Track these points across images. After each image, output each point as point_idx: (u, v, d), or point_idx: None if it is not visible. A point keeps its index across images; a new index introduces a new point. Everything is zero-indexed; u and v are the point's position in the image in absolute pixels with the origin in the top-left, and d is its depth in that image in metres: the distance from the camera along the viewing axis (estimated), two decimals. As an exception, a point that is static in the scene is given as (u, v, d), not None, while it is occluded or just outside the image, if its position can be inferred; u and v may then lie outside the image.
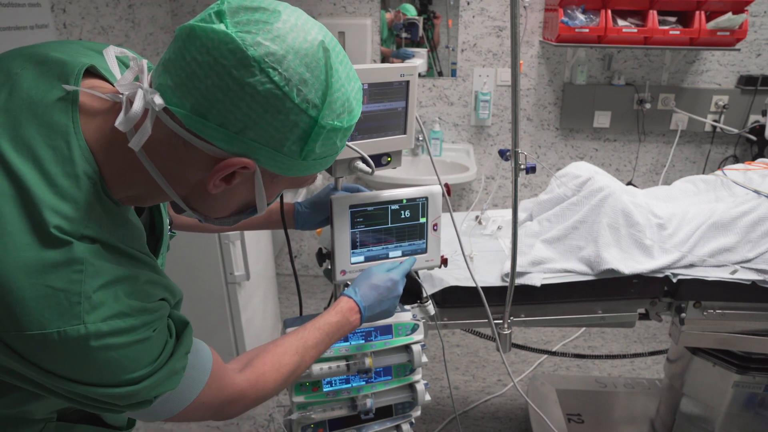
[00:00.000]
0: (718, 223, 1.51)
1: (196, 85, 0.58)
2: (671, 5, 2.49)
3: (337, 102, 0.63)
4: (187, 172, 0.65)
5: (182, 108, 0.59)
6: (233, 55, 0.57)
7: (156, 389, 0.67)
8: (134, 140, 0.60)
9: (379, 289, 1.04)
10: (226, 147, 0.61)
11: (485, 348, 2.77)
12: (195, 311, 2.21)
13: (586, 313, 1.53)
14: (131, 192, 0.67)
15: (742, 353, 1.62)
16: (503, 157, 1.25)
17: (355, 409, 1.23)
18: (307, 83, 0.60)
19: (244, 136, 0.60)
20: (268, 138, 0.61)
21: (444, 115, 3.02)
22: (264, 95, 0.58)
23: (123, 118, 0.60)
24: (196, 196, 0.69)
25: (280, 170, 0.65)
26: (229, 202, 0.71)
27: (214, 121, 0.59)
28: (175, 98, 0.59)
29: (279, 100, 0.59)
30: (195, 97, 0.58)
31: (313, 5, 2.86)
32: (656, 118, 2.88)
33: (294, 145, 0.63)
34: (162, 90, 0.60)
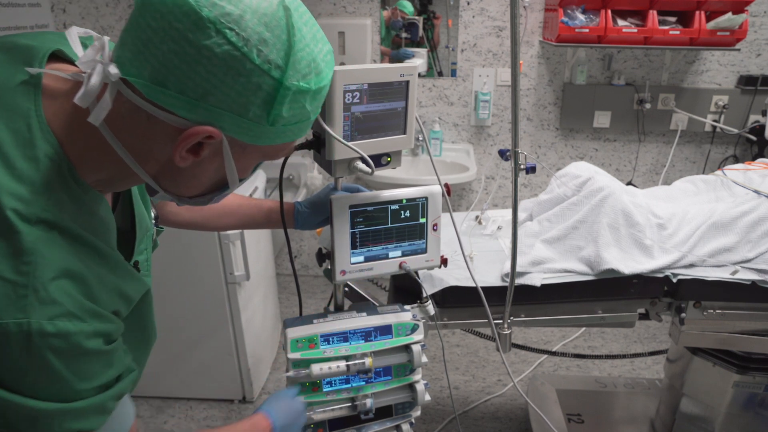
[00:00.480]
0: (718, 223, 1.51)
1: (153, 53, 0.56)
2: (671, 5, 2.49)
3: (301, 62, 0.60)
4: (154, 147, 0.62)
5: (140, 78, 0.57)
6: (187, 17, 0.55)
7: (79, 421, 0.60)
8: (93, 114, 0.58)
9: (291, 413, 1.06)
10: (189, 115, 0.59)
11: (485, 348, 2.77)
12: (195, 311, 2.21)
13: (586, 313, 1.53)
14: (101, 175, 0.65)
15: (742, 353, 1.62)
16: (503, 157, 1.25)
17: (355, 409, 1.23)
18: (267, 43, 0.57)
19: (205, 103, 0.58)
20: (231, 103, 0.59)
21: (444, 115, 3.02)
22: (222, 57, 0.56)
23: (81, 93, 0.58)
24: (166, 173, 0.66)
25: (248, 138, 0.63)
26: (201, 178, 0.68)
27: (174, 88, 0.57)
28: (133, 68, 0.57)
29: (238, 61, 0.56)
30: (152, 65, 0.56)
31: (313, 5, 2.86)
32: (656, 118, 2.88)
33: (259, 109, 0.60)
34: (120, 61, 0.58)
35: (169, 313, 2.22)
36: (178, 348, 2.29)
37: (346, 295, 1.36)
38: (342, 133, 1.02)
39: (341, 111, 1.00)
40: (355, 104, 1.01)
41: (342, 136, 1.02)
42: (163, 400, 2.41)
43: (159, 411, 2.36)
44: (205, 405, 2.38)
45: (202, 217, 1.17)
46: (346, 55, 2.81)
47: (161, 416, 2.33)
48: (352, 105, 1.01)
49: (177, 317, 2.23)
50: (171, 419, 2.32)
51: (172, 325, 2.24)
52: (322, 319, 1.22)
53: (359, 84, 1.00)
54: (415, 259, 1.23)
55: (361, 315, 1.24)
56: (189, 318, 2.22)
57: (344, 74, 0.98)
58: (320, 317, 1.23)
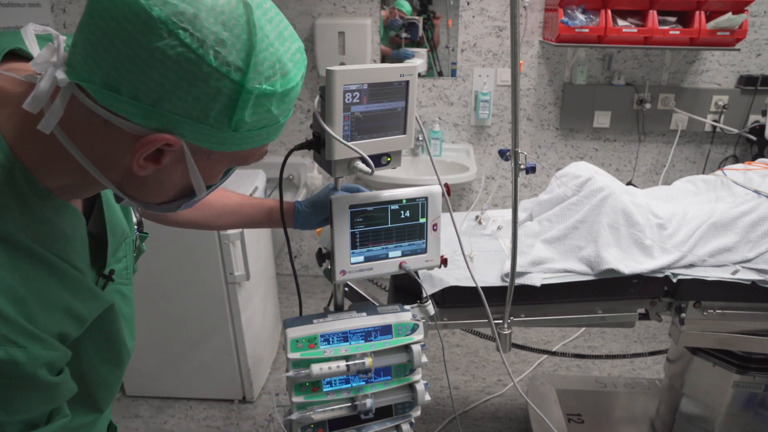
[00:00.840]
0: (718, 223, 1.51)
1: (104, 56, 0.52)
2: (671, 5, 2.49)
3: (264, 63, 0.56)
4: (113, 154, 0.59)
5: (92, 82, 0.53)
6: (137, 17, 0.50)
7: None
8: (43, 122, 0.55)
9: None
10: (144, 122, 0.55)
11: (485, 348, 2.77)
12: (195, 311, 2.21)
13: (586, 313, 1.53)
14: (63, 181, 0.62)
15: (742, 353, 1.62)
16: (503, 157, 1.25)
17: (355, 409, 1.23)
18: (225, 44, 0.53)
19: (161, 109, 0.54)
20: (189, 109, 0.54)
21: (444, 115, 3.02)
22: (176, 60, 0.52)
23: (30, 98, 0.54)
24: (129, 181, 0.62)
25: (210, 145, 0.58)
26: (165, 185, 0.64)
27: (127, 94, 0.53)
28: (84, 72, 0.53)
29: (194, 64, 0.52)
30: (104, 69, 0.52)
31: (313, 5, 2.86)
32: (656, 118, 2.88)
33: (220, 115, 0.56)
34: (71, 64, 0.54)
35: (169, 313, 2.22)
36: (178, 348, 2.29)
37: (346, 295, 1.36)
38: (342, 133, 1.02)
39: (341, 111, 1.00)
40: (355, 104, 1.01)
41: (342, 136, 1.02)
42: (163, 400, 2.41)
43: (159, 411, 2.36)
44: (205, 405, 2.38)
45: (203, 217, 1.16)
46: (346, 55, 2.81)
47: (161, 416, 2.33)
48: (352, 105, 1.01)
49: (177, 317, 2.23)
50: (171, 419, 2.32)
51: (172, 325, 2.24)
52: (322, 319, 1.22)
53: (359, 84, 1.00)
54: (415, 259, 1.23)
55: (361, 315, 1.24)
56: (189, 318, 2.22)
57: (344, 74, 0.98)
58: (320, 317, 1.23)
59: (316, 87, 3.00)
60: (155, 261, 2.12)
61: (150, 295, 2.19)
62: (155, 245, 2.07)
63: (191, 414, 2.34)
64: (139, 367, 2.35)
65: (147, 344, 2.29)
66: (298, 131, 3.11)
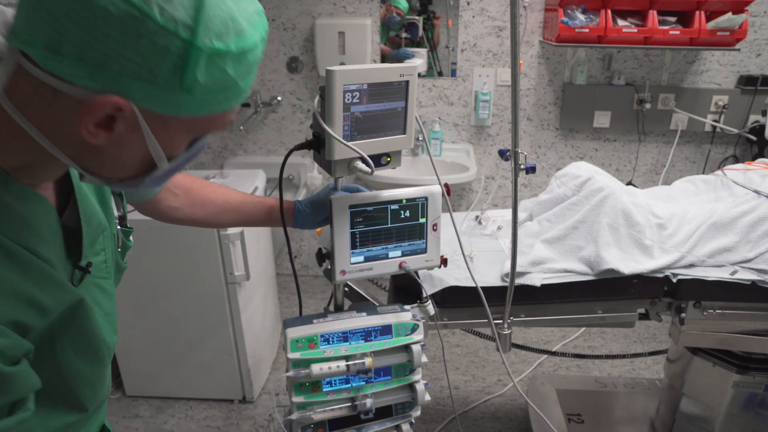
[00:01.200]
0: (718, 223, 1.51)
1: (44, 18, 0.51)
2: (671, 5, 2.49)
3: (215, 20, 0.54)
4: (65, 125, 0.57)
5: (34, 46, 0.52)
6: None
7: None
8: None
9: None
10: (91, 85, 0.53)
11: (485, 348, 2.77)
12: (195, 311, 2.21)
13: (586, 313, 1.53)
14: (19, 160, 0.60)
15: (742, 353, 1.62)
16: (503, 157, 1.25)
17: (355, 409, 1.23)
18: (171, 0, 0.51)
19: (107, 69, 0.52)
20: (137, 69, 0.52)
21: (444, 115, 3.02)
22: (119, 18, 0.50)
23: None
24: (86, 154, 0.60)
25: (164, 108, 0.56)
26: (123, 158, 0.62)
27: (70, 55, 0.51)
28: (26, 36, 0.52)
29: (138, 22, 0.50)
30: (45, 31, 0.51)
31: (313, 5, 2.86)
32: (656, 118, 2.88)
33: (170, 75, 0.54)
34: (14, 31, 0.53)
35: (169, 313, 2.22)
36: (178, 348, 2.30)
37: (346, 295, 1.36)
38: (342, 133, 1.02)
39: (341, 111, 1.00)
40: (354, 104, 1.01)
41: (342, 136, 1.02)
42: (163, 400, 2.41)
43: (159, 411, 2.36)
44: (205, 405, 2.38)
45: (204, 214, 1.15)
46: (346, 55, 2.81)
47: (161, 416, 2.33)
48: (352, 105, 1.01)
49: (177, 317, 2.23)
50: (171, 419, 2.32)
51: (172, 325, 2.25)
52: (322, 319, 1.22)
53: (359, 84, 1.00)
54: (415, 259, 1.23)
55: (361, 315, 1.24)
56: (189, 318, 2.22)
57: (344, 74, 0.98)
58: (320, 317, 1.23)
59: (316, 87, 3.00)
60: (155, 261, 2.12)
61: (150, 295, 2.19)
62: (155, 245, 2.08)
63: (191, 414, 2.34)
64: (139, 367, 2.35)
65: (147, 344, 2.29)
66: (298, 131, 3.11)
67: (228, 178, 2.30)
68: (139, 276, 2.09)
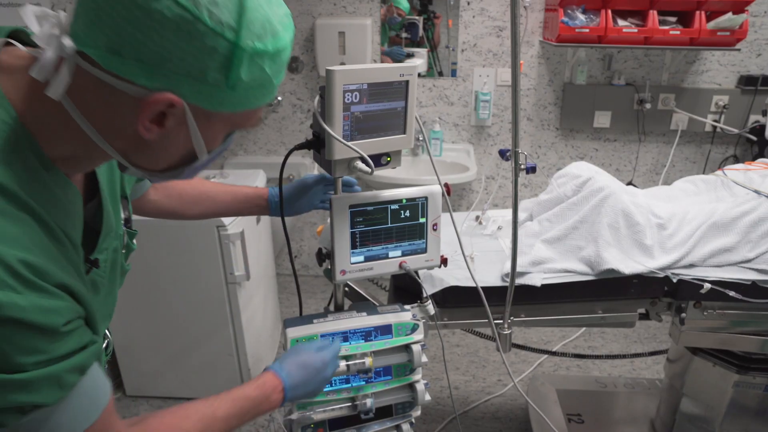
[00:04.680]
0: (718, 223, 1.51)
1: (106, 22, 0.55)
2: (671, 5, 2.49)
3: (255, 23, 0.59)
4: (118, 121, 0.62)
5: (96, 48, 0.56)
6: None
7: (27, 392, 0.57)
8: (51, 88, 0.58)
9: (308, 369, 0.98)
10: (148, 83, 0.58)
11: (485, 348, 2.77)
12: (195, 311, 2.21)
13: (586, 313, 1.53)
14: (65, 150, 0.64)
15: (742, 353, 1.62)
16: (503, 157, 1.24)
17: (355, 409, 1.23)
18: (218, 4, 0.57)
19: (163, 69, 0.57)
20: (189, 68, 0.58)
21: (444, 115, 3.02)
22: (174, 21, 0.55)
23: (37, 66, 0.58)
24: (134, 148, 0.65)
25: (210, 105, 0.62)
26: (169, 150, 0.67)
27: (130, 56, 0.56)
28: (88, 39, 0.57)
29: (190, 24, 0.56)
30: (106, 34, 0.56)
31: (313, 5, 2.86)
32: (656, 118, 2.88)
33: (217, 73, 0.59)
34: (75, 34, 0.57)
35: (169, 312, 2.22)
36: (178, 348, 2.30)
37: (346, 295, 1.36)
38: (342, 132, 1.02)
39: (341, 111, 1.00)
40: (354, 104, 1.01)
41: (342, 136, 1.02)
42: (163, 400, 2.41)
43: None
44: (205, 405, 2.38)
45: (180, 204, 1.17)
46: (346, 55, 2.81)
47: (161, 416, 2.33)
48: (352, 105, 1.01)
49: (177, 317, 2.23)
50: (171, 419, 2.32)
51: (172, 324, 2.25)
52: (322, 319, 1.22)
53: (359, 84, 1.00)
54: (415, 258, 1.23)
55: (361, 315, 1.24)
56: (189, 318, 2.22)
57: (344, 74, 0.98)
58: (320, 317, 1.23)
59: (316, 87, 3.00)
60: (156, 261, 2.12)
61: (150, 295, 2.19)
62: (156, 245, 2.08)
63: (191, 414, 2.34)
64: (139, 366, 2.35)
65: (147, 344, 2.29)
66: (298, 131, 3.11)
67: (228, 177, 2.30)
68: (139, 276, 2.09)
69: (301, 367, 0.98)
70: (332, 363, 1.04)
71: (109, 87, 0.58)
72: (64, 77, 0.58)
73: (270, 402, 0.92)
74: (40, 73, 0.58)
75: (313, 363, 0.99)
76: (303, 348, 1.02)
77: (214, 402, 0.84)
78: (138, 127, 0.60)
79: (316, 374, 1.00)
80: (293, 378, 0.96)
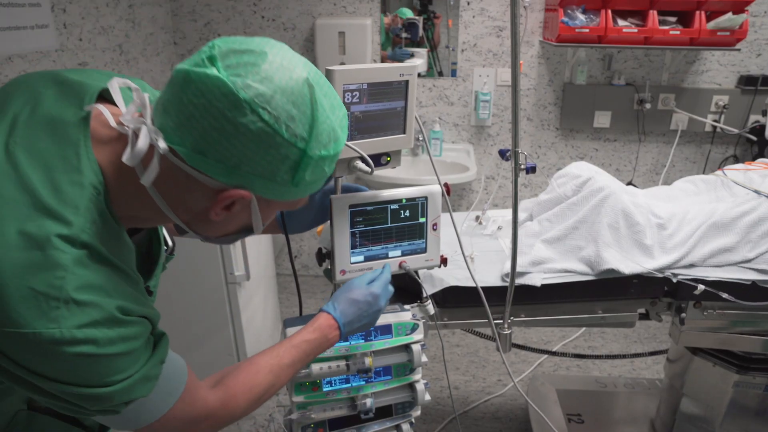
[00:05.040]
0: (718, 223, 1.51)
1: (195, 126, 0.63)
2: (671, 5, 2.49)
3: (323, 134, 0.68)
4: (188, 200, 0.70)
5: (183, 146, 0.64)
6: (226, 98, 0.62)
7: (126, 394, 0.68)
8: (145, 177, 0.66)
9: (359, 304, 1.02)
10: (225, 180, 0.66)
11: (485, 348, 2.77)
12: (195, 311, 2.20)
13: (586, 313, 1.53)
14: (134, 213, 0.72)
15: (742, 353, 1.62)
16: (503, 157, 1.24)
17: (354, 409, 1.23)
18: (294, 119, 0.65)
19: (240, 170, 0.65)
20: (262, 170, 0.66)
21: (444, 115, 3.02)
22: (256, 133, 0.63)
23: (130, 154, 0.65)
24: (198, 220, 0.74)
25: (274, 196, 0.71)
26: (229, 226, 0.76)
27: (213, 157, 0.64)
28: (176, 137, 0.64)
29: (270, 136, 0.64)
30: (194, 137, 0.63)
31: (313, 5, 2.86)
32: (656, 118, 2.88)
33: (286, 174, 0.68)
34: (164, 129, 0.65)
35: (169, 312, 2.21)
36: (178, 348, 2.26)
37: (346, 295, 1.36)
38: (342, 132, 1.02)
39: (341, 111, 1.00)
40: (354, 104, 1.01)
41: (342, 136, 1.01)
42: (163, 400, 2.40)
43: (159, 411, 2.35)
44: (205, 405, 2.38)
45: None
46: (346, 55, 2.81)
47: (161, 416, 2.33)
48: (352, 105, 1.01)
49: (177, 317, 2.23)
50: (171, 419, 2.32)
51: (172, 325, 2.23)
52: (322, 319, 1.21)
53: (359, 84, 1.00)
54: (414, 258, 1.23)
55: (361, 315, 1.23)
56: (189, 318, 2.22)
57: (344, 74, 0.98)
58: (320, 317, 1.22)
59: (316, 87, 3.00)
60: (155, 261, 2.12)
61: (150, 295, 2.19)
62: (155, 245, 2.08)
63: (191, 414, 2.34)
64: (139, 367, 2.35)
65: (147, 344, 2.29)
66: (298, 131, 3.11)
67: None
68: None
69: (353, 303, 1.02)
70: (384, 293, 1.07)
71: (185, 173, 0.67)
72: (155, 168, 0.66)
73: (329, 340, 0.99)
74: (132, 161, 0.65)
75: (364, 298, 1.03)
76: (354, 284, 1.06)
77: (278, 352, 0.93)
78: (210, 214, 0.70)
79: (369, 308, 1.04)
80: (347, 315, 1.01)
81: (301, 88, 0.66)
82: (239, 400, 0.86)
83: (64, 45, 2.12)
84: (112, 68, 2.43)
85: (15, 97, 0.70)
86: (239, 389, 0.87)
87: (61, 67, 2.11)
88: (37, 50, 1.99)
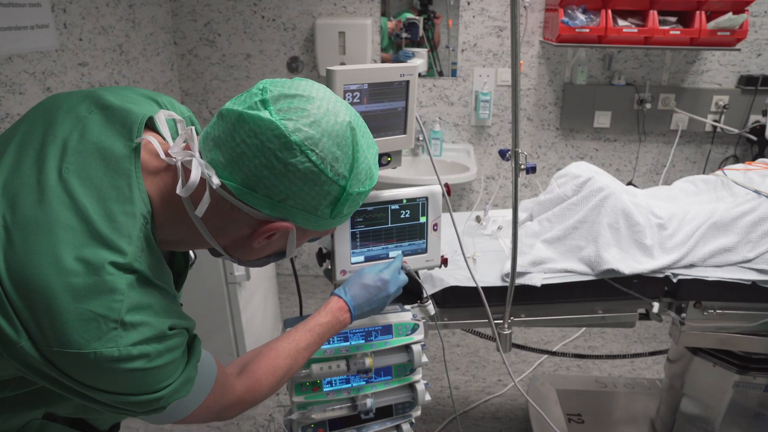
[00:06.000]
0: (718, 223, 1.51)
1: (246, 164, 0.68)
2: (671, 5, 2.49)
3: (362, 173, 0.75)
4: (230, 228, 0.75)
5: (233, 182, 0.69)
6: (278, 139, 0.67)
7: (172, 397, 0.74)
8: (199, 208, 0.71)
9: (369, 289, 1.08)
10: (270, 212, 0.72)
11: (485, 348, 2.77)
12: (195, 311, 2.19)
13: (587, 313, 1.53)
14: (176, 238, 0.77)
15: (742, 353, 1.62)
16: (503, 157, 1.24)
17: (355, 409, 1.23)
18: (338, 160, 0.71)
19: (285, 204, 0.71)
20: (305, 205, 0.72)
21: (444, 115, 3.02)
22: (304, 172, 0.69)
23: (183, 188, 0.70)
24: (236, 246, 0.79)
25: (312, 227, 0.77)
26: (265, 251, 0.82)
27: (261, 192, 0.70)
28: (226, 172, 0.70)
29: (316, 175, 0.70)
30: (245, 173, 0.69)
31: (314, 5, 2.86)
32: (656, 118, 2.88)
33: (326, 209, 0.74)
34: (214, 164, 0.70)
35: (169, 313, 2.22)
36: (178, 348, 2.29)
37: (347, 295, 1.36)
38: (342, 133, 1.02)
39: (341, 111, 1.00)
40: (355, 104, 1.01)
41: (342, 136, 1.01)
42: (164, 400, 2.40)
43: (159, 411, 2.36)
44: (205, 405, 2.38)
45: None
46: (346, 55, 2.81)
47: (161, 416, 2.33)
48: (353, 105, 1.01)
49: (177, 317, 2.23)
50: (171, 419, 2.32)
51: (172, 325, 2.24)
52: (323, 319, 1.21)
53: (359, 84, 1.00)
54: (415, 258, 1.23)
55: (361, 315, 1.23)
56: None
57: (344, 74, 0.98)
58: (320, 317, 1.22)
59: (316, 87, 3.00)
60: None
61: (150, 295, 2.19)
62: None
63: (191, 414, 2.34)
64: (139, 366, 2.35)
65: (147, 344, 2.29)
66: (298, 131, 3.11)
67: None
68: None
69: (363, 287, 1.08)
70: (394, 280, 1.11)
71: (230, 204, 0.72)
72: (206, 200, 0.71)
73: (341, 323, 1.05)
74: (185, 192, 0.70)
75: (374, 282, 1.09)
76: (365, 271, 1.11)
77: (294, 336, 0.99)
78: (252, 243, 0.75)
79: (378, 292, 1.09)
80: (357, 299, 1.07)
81: (344, 131, 0.72)
82: (263, 384, 0.92)
83: (64, 45, 2.12)
84: (112, 68, 2.43)
85: (60, 120, 0.73)
86: (262, 374, 0.93)
87: (61, 67, 2.11)
88: (37, 50, 1.99)
